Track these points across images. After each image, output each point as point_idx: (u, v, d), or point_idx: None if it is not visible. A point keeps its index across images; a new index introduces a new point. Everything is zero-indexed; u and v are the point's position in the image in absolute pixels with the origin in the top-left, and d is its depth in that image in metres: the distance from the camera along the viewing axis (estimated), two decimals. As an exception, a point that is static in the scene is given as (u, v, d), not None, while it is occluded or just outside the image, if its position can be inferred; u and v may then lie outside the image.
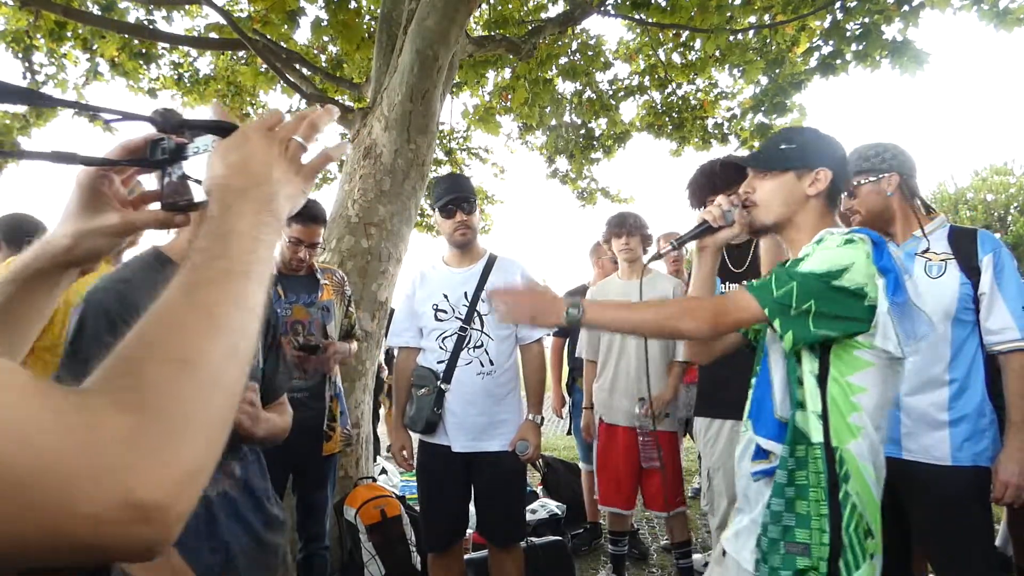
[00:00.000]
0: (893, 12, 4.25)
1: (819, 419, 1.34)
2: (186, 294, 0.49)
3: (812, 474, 1.34)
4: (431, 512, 2.53)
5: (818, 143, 1.48)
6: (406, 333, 2.59)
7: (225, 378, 0.46)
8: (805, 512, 1.33)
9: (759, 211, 1.48)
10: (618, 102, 6.48)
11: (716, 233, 1.56)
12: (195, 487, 0.41)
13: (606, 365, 3.16)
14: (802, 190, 1.45)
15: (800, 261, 1.35)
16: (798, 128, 1.58)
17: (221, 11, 4.15)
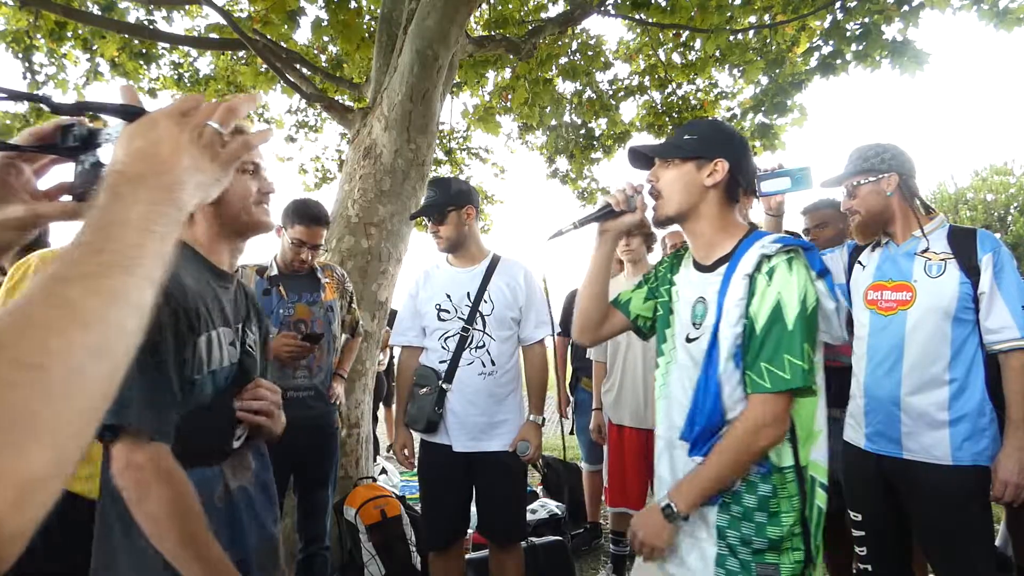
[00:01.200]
0: (893, 12, 4.25)
1: (788, 442, 1.35)
2: (50, 290, 0.44)
3: (784, 499, 1.36)
4: (431, 511, 2.53)
5: (717, 134, 1.49)
6: (409, 332, 2.59)
7: (87, 382, 0.42)
8: (777, 536, 1.35)
9: (662, 201, 1.50)
10: (618, 102, 6.48)
11: (619, 217, 1.56)
12: (37, 502, 0.38)
13: (613, 366, 3.15)
14: (701, 180, 1.46)
15: (779, 315, 1.33)
16: (701, 119, 1.59)
17: (221, 11, 4.15)
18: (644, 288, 1.68)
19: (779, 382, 1.31)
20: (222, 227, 1.29)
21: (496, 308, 2.49)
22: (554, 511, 3.76)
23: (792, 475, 1.35)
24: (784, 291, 1.33)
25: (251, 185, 1.30)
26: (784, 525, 1.34)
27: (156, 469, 1.06)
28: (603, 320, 1.68)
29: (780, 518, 1.35)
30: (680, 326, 1.52)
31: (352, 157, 3.64)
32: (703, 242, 1.50)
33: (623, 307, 1.69)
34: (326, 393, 2.67)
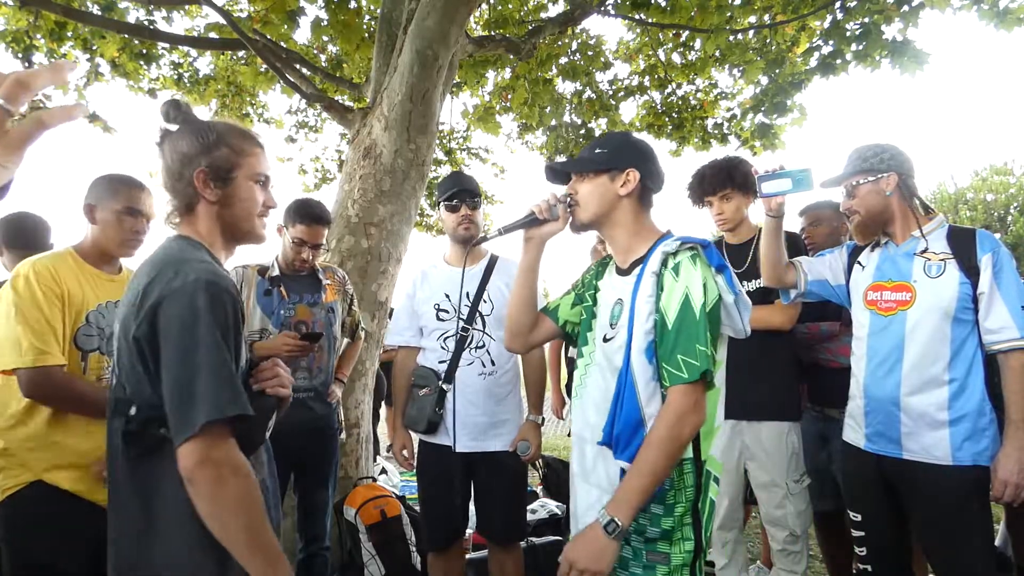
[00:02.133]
0: (893, 12, 4.25)
1: None
2: None
3: (678, 491, 1.42)
4: (431, 511, 2.53)
5: (626, 147, 1.58)
6: (406, 332, 2.58)
7: None
8: (670, 527, 1.41)
9: (579, 209, 1.57)
10: (618, 102, 6.48)
11: (542, 226, 1.61)
12: None
13: None
14: (615, 191, 1.54)
15: (688, 310, 1.38)
16: (612, 133, 1.70)
17: (221, 11, 4.15)
18: (572, 294, 1.74)
19: (694, 371, 1.35)
20: (222, 229, 1.31)
21: (496, 308, 2.49)
22: (554, 511, 3.76)
23: (691, 467, 1.43)
24: (690, 284, 1.40)
25: (259, 196, 1.33)
26: (675, 515, 1.41)
27: (232, 463, 1.10)
28: (532, 326, 1.73)
29: (674, 509, 1.42)
30: (599, 328, 1.58)
31: (352, 157, 3.64)
32: (620, 247, 1.58)
33: (552, 313, 1.74)
34: (326, 394, 2.67)
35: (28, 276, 1.80)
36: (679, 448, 1.36)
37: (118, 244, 1.96)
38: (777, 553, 2.54)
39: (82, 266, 1.93)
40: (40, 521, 1.79)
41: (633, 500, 1.34)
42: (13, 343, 1.75)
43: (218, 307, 1.13)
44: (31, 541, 1.79)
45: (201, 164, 1.26)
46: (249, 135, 1.35)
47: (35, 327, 1.76)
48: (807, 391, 2.68)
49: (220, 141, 1.28)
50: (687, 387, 1.36)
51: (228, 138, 1.30)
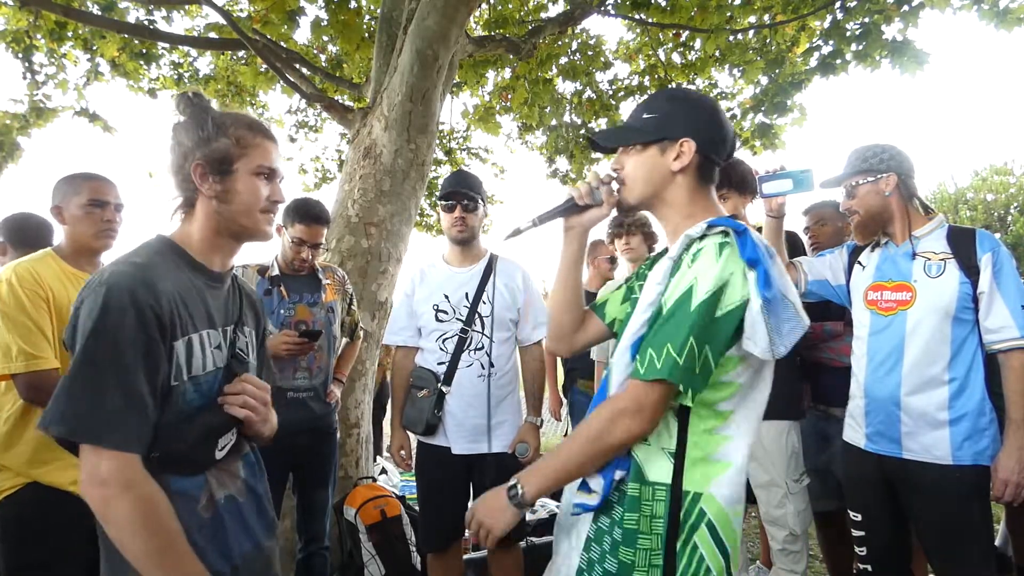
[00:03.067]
0: (893, 12, 4.25)
1: (669, 457, 1.17)
2: None
3: (645, 518, 1.16)
4: (430, 512, 2.53)
5: (679, 110, 1.29)
6: (404, 332, 2.58)
7: None
8: (629, 561, 1.16)
9: (624, 189, 1.33)
10: (618, 102, 6.48)
11: (583, 212, 1.38)
12: None
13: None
14: (666, 165, 1.28)
15: (684, 302, 1.15)
16: (665, 92, 1.37)
17: (221, 11, 4.15)
18: (623, 288, 1.50)
19: (650, 370, 1.12)
20: (220, 226, 1.24)
21: (495, 309, 2.48)
22: (554, 511, 3.76)
23: (664, 495, 1.16)
24: (701, 276, 1.15)
25: (263, 190, 1.25)
26: (639, 548, 1.15)
27: (121, 481, 1.01)
28: (577, 327, 1.49)
29: (635, 539, 1.16)
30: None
31: (352, 157, 3.64)
32: (670, 230, 1.33)
33: (599, 310, 1.50)
34: (325, 394, 2.67)
35: (11, 281, 1.79)
36: (600, 449, 1.16)
37: (93, 236, 1.95)
38: (777, 553, 2.54)
39: (63, 267, 1.92)
40: (37, 522, 1.79)
41: (541, 477, 1.20)
42: (2, 349, 1.74)
43: (112, 313, 1.04)
44: (28, 542, 1.79)
45: (198, 156, 1.20)
46: (256, 126, 1.27)
47: (23, 332, 1.75)
48: (810, 390, 2.68)
49: (220, 132, 1.21)
50: (638, 384, 1.15)
51: (230, 129, 1.22)
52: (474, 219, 2.49)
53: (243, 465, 1.30)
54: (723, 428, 1.19)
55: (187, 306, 1.16)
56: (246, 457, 1.32)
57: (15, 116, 5.14)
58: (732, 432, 1.19)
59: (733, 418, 1.20)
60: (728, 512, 1.17)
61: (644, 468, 1.18)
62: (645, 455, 1.19)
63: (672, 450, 1.18)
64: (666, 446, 1.18)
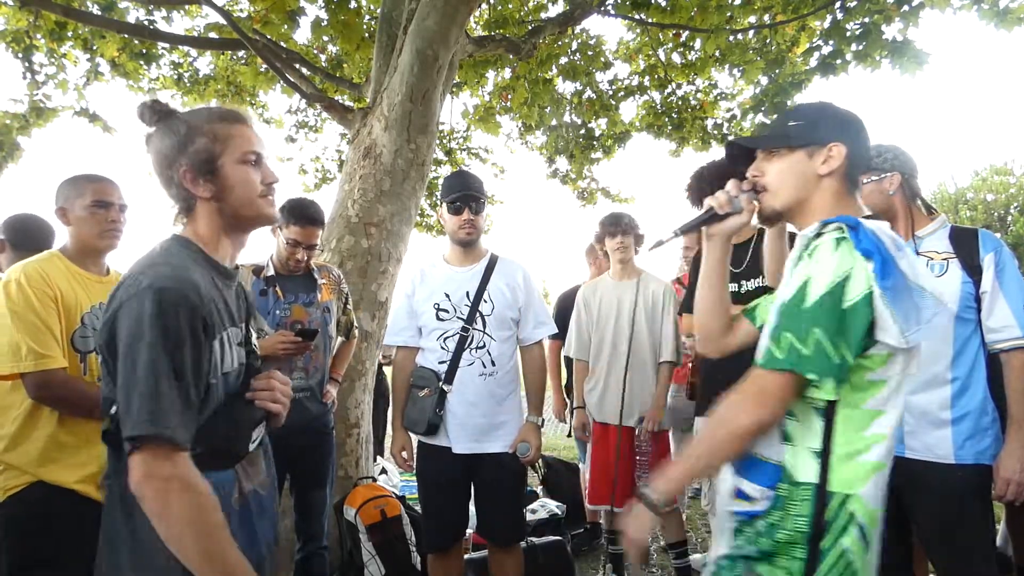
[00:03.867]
0: (893, 12, 4.25)
1: (815, 456, 1.18)
2: None
3: (789, 517, 1.19)
4: (431, 512, 2.53)
5: (830, 116, 1.33)
6: (405, 332, 2.57)
7: None
8: (769, 548, 1.21)
9: (767, 196, 1.35)
10: (618, 102, 6.48)
11: (723, 221, 1.43)
12: None
13: (597, 364, 3.17)
14: (814, 169, 1.30)
15: (801, 293, 1.16)
16: (809, 103, 1.40)
17: (221, 11, 4.15)
18: (774, 294, 1.49)
19: (770, 360, 1.16)
20: (225, 221, 1.25)
21: (496, 308, 2.48)
22: (554, 511, 3.76)
23: (809, 494, 1.17)
24: (818, 270, 1.16)
25: (254, 176, 1.26)
26: (776, 540, 1.19)
27: (179, 481, 1.04)
28: (725, 329, 1.53)
29: (774, 531, 1.20)
30: None
31: (352, 157, 3.64)
32: None
33: (750, 314, 1.54)
34: (321, 394, 2.68)
35: (20, 280, 1.80)
36: (731, 439, 1.18)
37: (97, 237, 1.96)
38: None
39: (70, 268, 1.93)
40: (43, 520, 1.79)
41: (672, 476, 1.25)
42: (12, 348, 1.75)
43: (167, 316, 1.06)
44: (34, 540, 1.80)
45: (182, 163, 1.20)
46: (228, 115, 1.26)
47: (32, 331, 1.76)
48: None
49: (194, 132, 1.21)
50: (760, 373, 1.18)
51: (203, 126, 1.22)
52: (480, 220, 2.51)
53: (263, 459, 1.34)
54: (873, 427, 1.18)
55: (216, 305, 1.19)
56: (266, 450, 1.36)
57: (15, 116, 5.14)
58: (883, 430, 1.19)
59: (883, 419, 1.19)
60: (876, 512, 1.19)
61: (792, 471, 1.20)
62: (793, 457, 1.21)
63: (818, 449, 1.18)
64: (811, 445, 1.19)
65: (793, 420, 1.22)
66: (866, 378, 1.18)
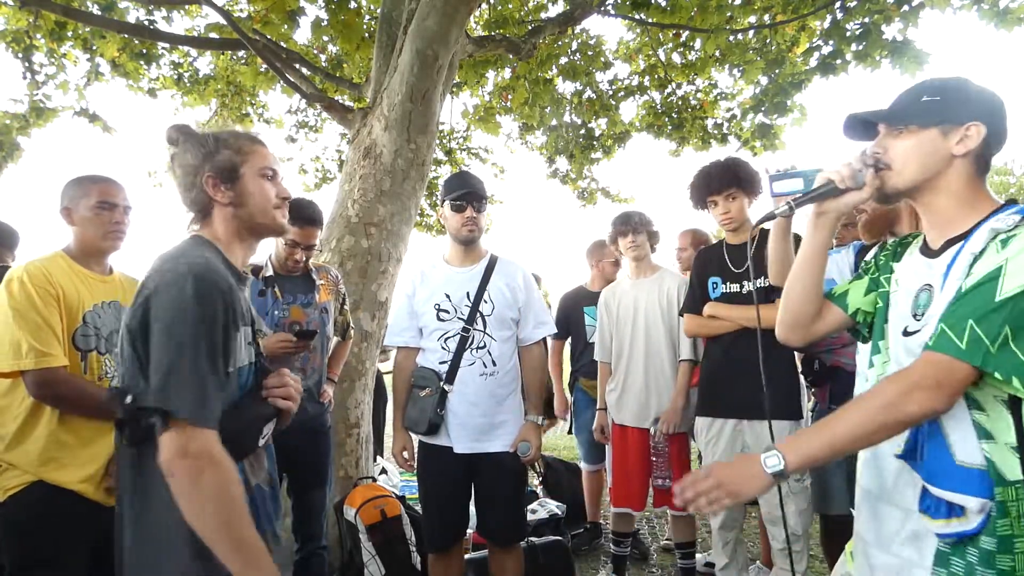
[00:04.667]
0: (893, 12, 4.25)
1: (1014, 452, 1.11)
2: None
3: (1017, 520, 1.09)
4: (431, 512, 2.53)
5: (968, 93, 1.24)
6: (406, 333, 2.57)
7: None
8: (1009, 568, 1.10)
9: (891, 174, 1.26)
10: (618, 102, 6.48)
11: (841, 196, 1.32)
12: None
13: (617, 366, 3.14)
14: (947, 149, 1.21)
15: (993, 282, 1.09)
16: (944, 78, 1.29)
17: (221, 11, 4.15)
18: (865, 279, 1.45)
19: (947, 345, 1.08)
20: (240, 228, 1.35)
21: (496, 308, 2.48)
22: (554, 511, 3.76)
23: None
24: (1014, 259, 1.08)
25: (270, 189, 1.37)
26: (1019, 552, 1.09)
27: (210, 456, 1.10)
28: (815, 316, 1.46)
29: (1012, 544, 1.10)
30: (898, 318, 1.30)
31: (352, 157, 3.64)
32: (940, 220, 1.26)
33: (839, 300, 1.46)
34: (319, 394, 2.68)
35: (22, 278, 1.80)
36: (890, 422, 1.11)
37: (101, 237, 1.98)
38: (777, 553, 2.54)
39: (73, 267, 1.94)
40: (43, 520, 1.79)
41: (807, 449, 1.15)
42: (12, 345, 1.75)
43: (206, 300, 1.14)
44: (34, 539, 1.80)
45: (207, 170, 1.31)
46: (248, 135, 1.39)
47: (34, 329, 1.76)
48: (828, 393, 2.67)
49: (220, 145, 1.33)
50: (935, 358, 1.10)
51: (228, 141, 1.34)
52: (482, 219, 2.52)
53: (267, 456, 1.39)
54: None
55: (235, 302, 1.25)
56: (269, 449, 1.40)
57: (15, 116, 5.14)
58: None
59: None
60: None
61: (1000, 469, 1.12)
62: (997, 455, 1.12)
63: (1015, 444, 1.12)
64: (1007, 440, 1.12)
65: (984, 414, 1.14)
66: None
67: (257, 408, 1.30)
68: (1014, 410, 1.12)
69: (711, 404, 2.64)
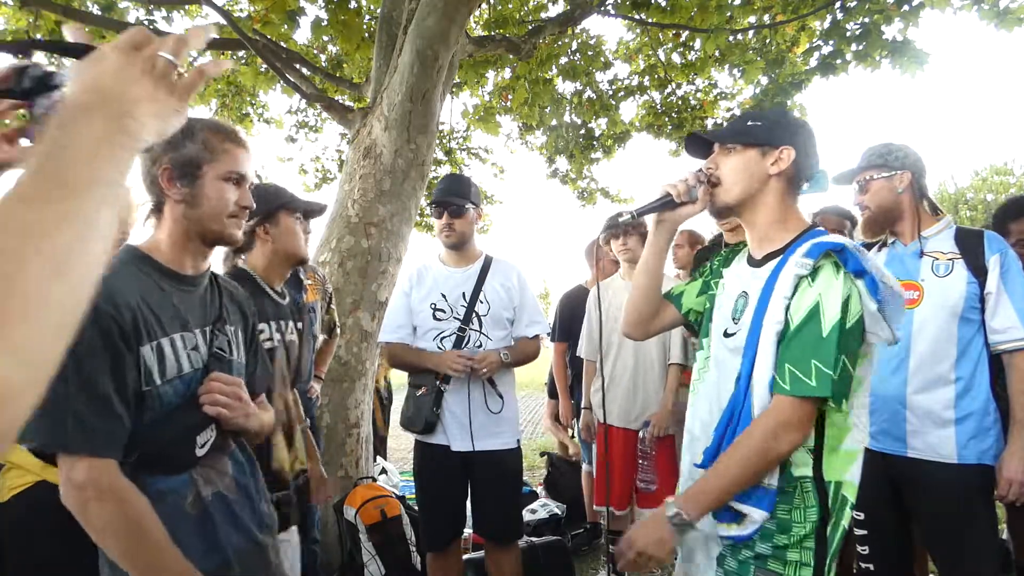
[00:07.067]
0: (893, 12, 4.25)
1: (808, 452, 1.27)
2: (7, 214, 0.46)
3: (798, 509, 1.27)
4: (430, 511, 2.53)
5: (785, 122, 1.43)
6: (401, 330, 2.57)
7: (50, 300, 0.45)
8: (783, 544, 1.26)
9: (721, 190, 1.42)
10: (618, 102, 6.48)
11: (678, 208, 1.48)
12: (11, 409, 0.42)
13: (604, 365, 3.15)
14: (764, 168, 1.38)
15: (817, 321, 1.23)
16: (770, 109, 1.50)
17: (221, 11, 4.15)
18: (699, 281, 1.61)
19: (801, 387, 1.22)
20: (189, 230, 1.25)
21: (492, 308, 2.49)
22: (554, 511, 3.76)
23: (811, 487, 1.27)
24: (825, 293, 1.24)
25: (230, 196, 1.26)
26: (792, 534, 1.26)
27: (96, 486, 1.04)
28: (654, 314, 1.62)
29: (790, 527, 1.26)
30: (720, 320, 1.45)
31: (352, 157, 3.64)
32: (758, 234, 1.43)
33: (675, 300, 1.63)
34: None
35: None
36: (766, 463, 1.24)
37: None
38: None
39: None
40: (45, 520, 1.79)
41: (704, 501, 1.27)
42: None
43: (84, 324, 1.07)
44: (36, 540, 1.80)
45: (165, 161, 1.21)
46: (226, 132, 1.28)
47: None
48: None
49: (188, 137, 1.21)
50: (792, 400, 1.23)
51: (200, 134, 1.23)
52: (463, 224, 2.51)
53: (231, 463, 1.31)
54: (846, 420, 1.30)
55: (154, 312, 1.17)
56: (233, 455, 1.33)
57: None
58: (854, 422, 1.30)
59: (853, 411, 1.30)
60: (855, 484, 1.31)
61: (789, 463, 1.27)
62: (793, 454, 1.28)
63: (811, 446, 1.28)
64: (805, 444, 1.27)
65: None
66: (857, 374, 1.29)
67: (184, 418, 1.20)
68: (818, 418, 1.27)
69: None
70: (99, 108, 0.56)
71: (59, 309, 0.46)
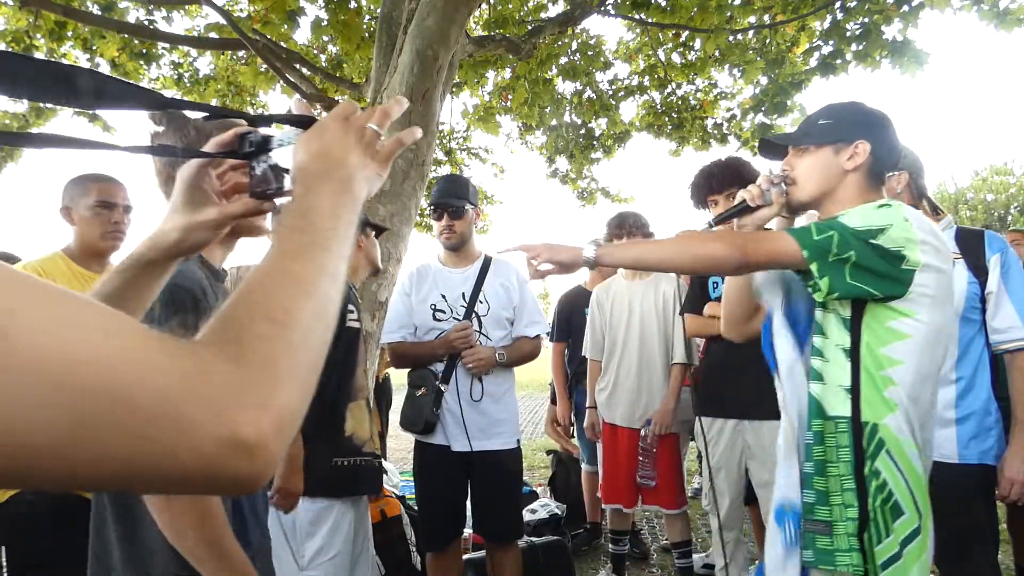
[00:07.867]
0: (893, 12, 4.25)
1: (846, 392, 1.30)
2: (276, 264, 0.54)
3: (831, 449, 1.30)
4: (430, 513, 2.54)
5: (857, 116, 1.45)
6: (403, 330, 2.59)
7: (313, 337, 0.51)
8: (823, 489, 1.29)
9: (796, 188, 1.47)
10: (618, 102, 6.48)
11: (755, 212, 1.51)
12: (290, 430, 0.46)
13: (608, 365, 3.15)
14: (840, 164, 1.42)
15: (836, 218, 1.32)
16: (839, 103, 1.52)
17: (221, 11, 4.15)
18: None
19: (795, 231, 1.31)
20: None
21: (492, 308, 2.50)
22: (554, 511, 3.76)
23: (846, 427, 1.29)
24: (854, 212, 1.33)
25: None
26: (831, 476, 1.29)
27: None
28: (750, 314, 1.65)
29: (826, 469, 1.30)
30: None
31: (352, 157, 3.64)
32: None
33: None
34: None
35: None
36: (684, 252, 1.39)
37: (100, 237, 1.97)
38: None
39: (72, 267, 1.94)
40: (45, 520, 1.79)
41: (618, 255, 1.50)
42: None
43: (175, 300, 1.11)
44: (33, 541, 1.80)
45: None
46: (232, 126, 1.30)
47: None
48: None
49: (204, 137, 1.21)
50: (776, 232, 1.37)
51: (212, 133, 1.25)
52: (463, 224, 2.52)
53: None
54: (892, 371, 1.29)
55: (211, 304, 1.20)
56: None
57: (15, 116, 5.14)
58: (900, 377, 1.29)
59: (904, 367, 1.29)
60: (901, 442, 1.28)
61: (823, 404, 1.32)
62: (822, 392, 1.33)
63: (847, 386, 1.31)
64: (842, 383, 1.31)
65: (821, 359, 1.35)
66: (887, 325, 1.30)
67: None
68: (853, 358, 1.31)
69: (712, 404, 2.65)
70: (330, 173, 0.65)
71: (320, 345, 0.53)
